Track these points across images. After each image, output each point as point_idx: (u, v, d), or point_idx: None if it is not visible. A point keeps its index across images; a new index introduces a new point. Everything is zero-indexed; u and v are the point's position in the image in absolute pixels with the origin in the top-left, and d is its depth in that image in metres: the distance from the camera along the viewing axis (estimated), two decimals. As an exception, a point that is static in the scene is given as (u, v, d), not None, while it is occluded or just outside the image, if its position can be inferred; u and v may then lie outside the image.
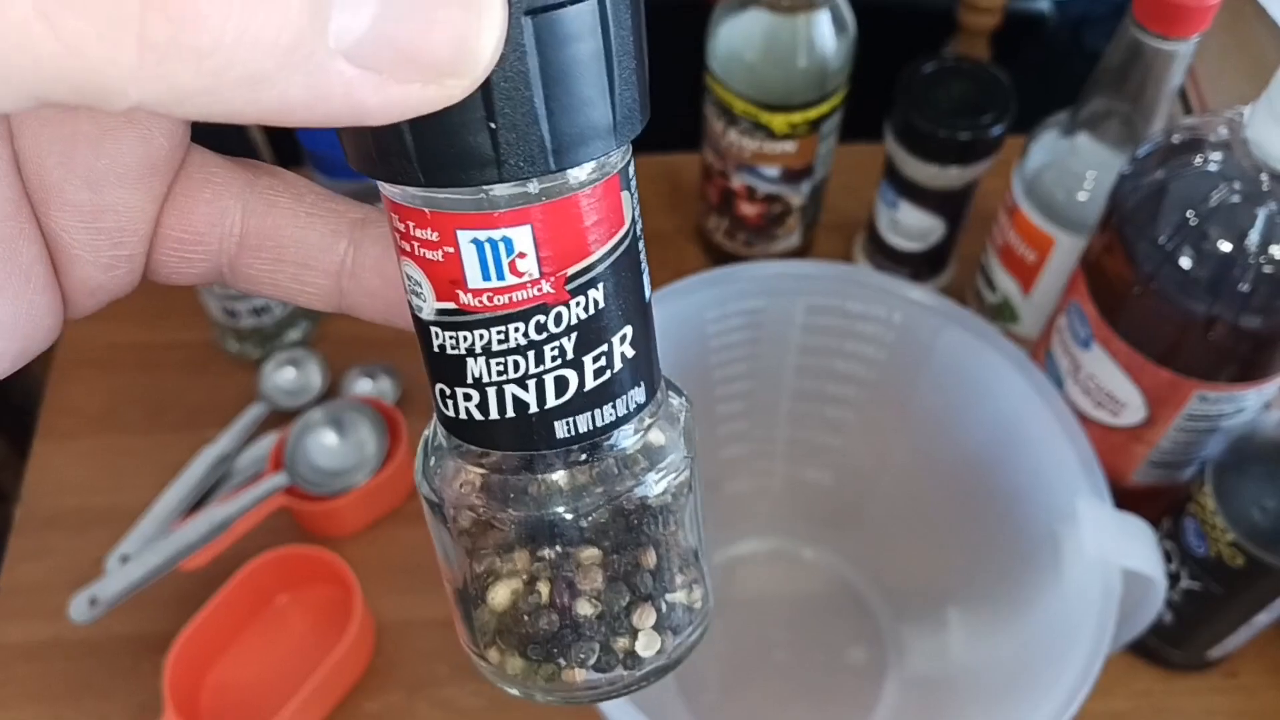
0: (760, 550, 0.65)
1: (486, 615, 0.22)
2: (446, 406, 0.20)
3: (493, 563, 0.21)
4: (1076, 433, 0.49)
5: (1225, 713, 0.60)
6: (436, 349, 0.20)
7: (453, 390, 0.20)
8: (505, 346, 0.19)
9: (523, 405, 0.19)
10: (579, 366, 0.19)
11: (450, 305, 0.19)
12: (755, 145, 0.63)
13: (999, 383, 0.52)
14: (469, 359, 0.19)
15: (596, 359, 0.20)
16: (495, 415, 0.20)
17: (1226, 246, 0.45)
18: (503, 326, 0.19)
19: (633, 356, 0.20)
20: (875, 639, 0.62)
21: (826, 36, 0.60)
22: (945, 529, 0.59)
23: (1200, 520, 0.52)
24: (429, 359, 0.20)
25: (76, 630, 0.59)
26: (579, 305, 0.19)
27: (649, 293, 0.20)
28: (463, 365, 0.19)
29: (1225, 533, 0.51)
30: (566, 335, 0.19)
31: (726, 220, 0.70)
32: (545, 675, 0.22)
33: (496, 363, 0.19)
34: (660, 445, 0.21)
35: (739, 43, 0.60)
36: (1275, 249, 0.45)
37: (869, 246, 0.72)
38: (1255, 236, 0.45)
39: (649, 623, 0.21)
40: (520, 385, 0.19)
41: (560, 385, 0.19)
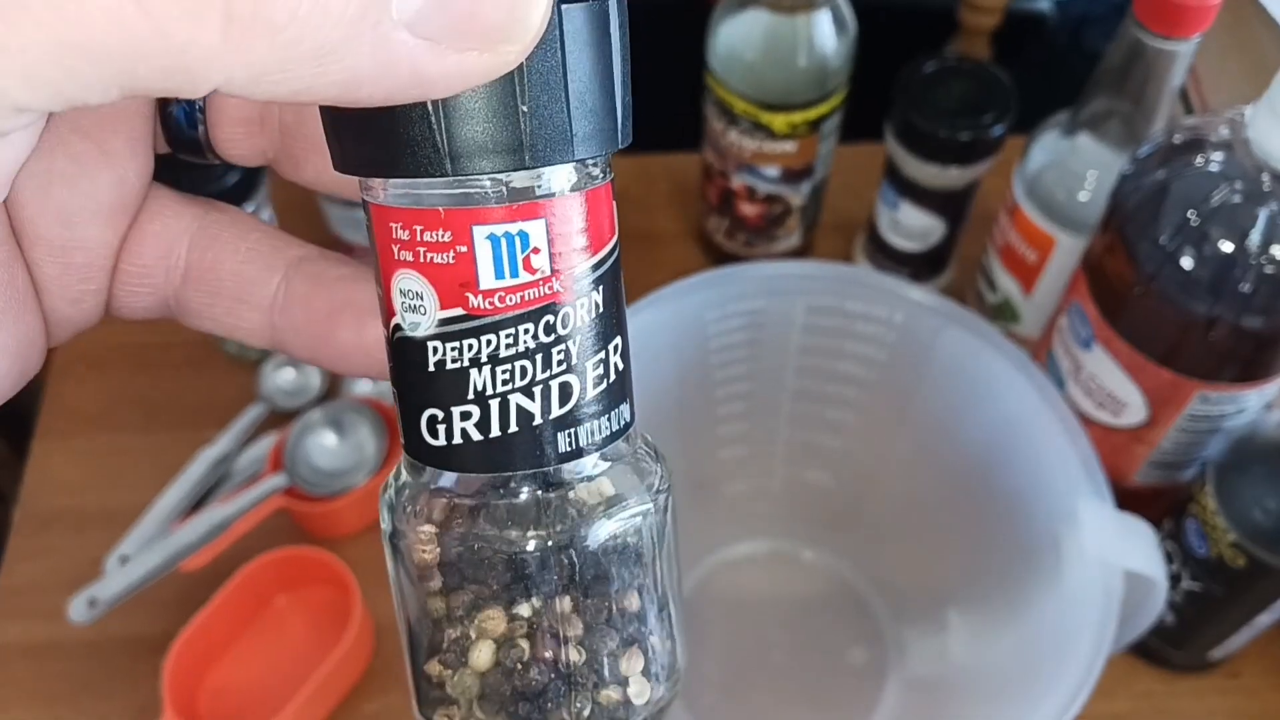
0: (760, 551, 0.65)
1: (468, 679, 0.21)
2: (436, 435, 0.20)
3: (468, 622, 0.20)
4: (1078, 433, 0.49)
5: (1227, 714, 0.60)
6: (433, 367, 0.19)
7: (447, 412, 0.19)
8: (513, 351, 0.19)
9: (527, 416, 0.19)
10: (581, 373, 0.20)
11: (457, 311, 0.19)
12: (755, 145, 0.63)
13: (1000, 383, 0.52)
14: (473, 370, 0.19)
15: (596, 366, 0.20)
16: (497, 431, 0.19)
17: (1228, 247, 0.45)
18: (512, 329, 0.19)
19: (622, 370, 0.20)
20: (876, 640, 0.62)
21: (827, 36, 0.60)
22: (946, 530, 0.59)
23: (1201, 521, 0.52)
24: (417, 384, 0.20)
25: (75, 631, 0.59)
26: (583, 306, 0.19)
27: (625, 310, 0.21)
28: (464, 380, 0.19)
29: (1226, 533, 0.51)
30: (571, 338, 0.19)
31: (727, 220, 0.70)
32: None
33: (503, 369, 0.19)
34: (634, 484, 0.21)
35: (739, 42, 0.60)
36: (1276, 249, 0.45)
37: (869, 247, 0.71)
38: (1256, 237, 0.45)
39: (637, 668, 0.21)
40: (526, 394, 0.19)
41: (564, 392, 0.19)
